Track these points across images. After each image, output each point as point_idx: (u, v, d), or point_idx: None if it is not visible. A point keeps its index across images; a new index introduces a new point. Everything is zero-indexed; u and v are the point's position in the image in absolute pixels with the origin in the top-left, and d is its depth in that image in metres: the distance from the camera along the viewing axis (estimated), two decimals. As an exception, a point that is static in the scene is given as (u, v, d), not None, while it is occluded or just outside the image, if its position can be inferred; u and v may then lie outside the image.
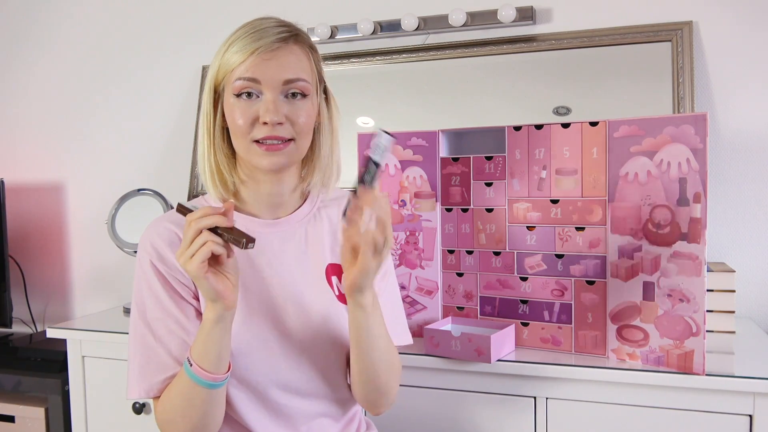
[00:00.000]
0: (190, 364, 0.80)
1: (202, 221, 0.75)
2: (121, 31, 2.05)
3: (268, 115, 0.83)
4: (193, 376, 0.80)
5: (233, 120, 0.86)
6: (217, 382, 0.81)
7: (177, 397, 0.83)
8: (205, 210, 0.76)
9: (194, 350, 0.81)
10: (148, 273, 0.87)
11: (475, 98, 1.66)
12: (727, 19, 1.51)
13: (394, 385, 0.94)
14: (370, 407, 0.95)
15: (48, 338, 1.58)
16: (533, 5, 1.63)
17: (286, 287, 0.91)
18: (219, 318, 0.79)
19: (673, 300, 1.09)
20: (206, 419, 0.83)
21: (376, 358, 0.88)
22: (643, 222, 1.11)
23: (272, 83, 0.84)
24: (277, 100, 0.84)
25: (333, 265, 0.96)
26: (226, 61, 0.86)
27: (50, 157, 2.14)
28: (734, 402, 1.05)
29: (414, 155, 1.34)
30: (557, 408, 1.16)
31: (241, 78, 0.84)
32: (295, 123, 0.86)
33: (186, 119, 1.97)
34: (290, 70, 0.85)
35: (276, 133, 0.84)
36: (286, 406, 0.91)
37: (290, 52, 0.86)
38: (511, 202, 1.25)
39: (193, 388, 0.81)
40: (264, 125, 0.84)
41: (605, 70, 1.56)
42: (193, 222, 0.76)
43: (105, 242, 1.96)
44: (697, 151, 1.05)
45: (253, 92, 0.85)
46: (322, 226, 0.97)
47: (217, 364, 0.80)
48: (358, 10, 1.79)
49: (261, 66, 0.83)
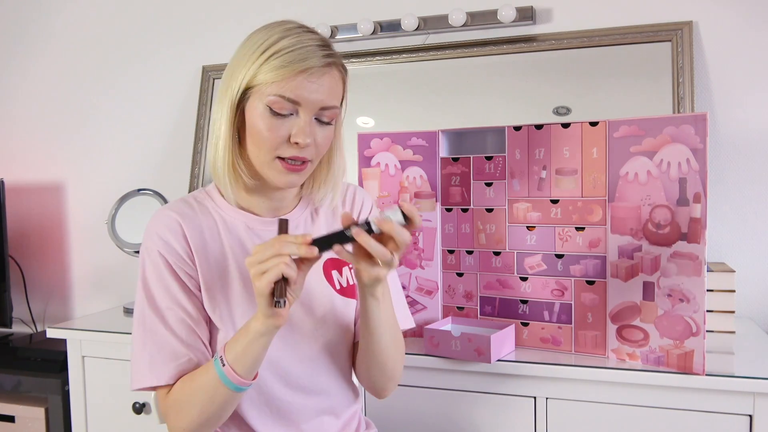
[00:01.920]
0: (223, 364, 0.81)
1: (292, 248, 0.76)
2: (121, 31, 2.05)
3: (301, 136, 0.84)
4: (224, 377, 0.81)
5: (259, 131, 0.84)
6: (244, 386, 0.82)
7: (199, 390, 0.83)
8: (299, 239, 0.76)
9: (230, 352, 0.81)
10: (157, 262, 0.87)
11: (474, 98, 1.66)
12: (727, 19, 1.51)
13: (400, 368, 0.98)
14: (378, 392, 0.98)
15: (48, 338, 1.58)
16: (533, 5, 1.63)
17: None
18: (267, 332, 0.80)
19: (673, 300, 1.09)
20: (220, 416, 0.85)
21: (384, 344, 0.91)
22: (643, 222, 1.11)
23: (311, 107, 0.84)
24: (311, 123, 0.85)
25: (332, 260, 0.97)
26: (265, 72, 0.83)
27: (50, 157, 2.14)
28: (734, 402, 1.05)
29: (414, 155, 1.34)
30: (557, 408, 1.16)
31: (282, 96, 0.82)
32: (319, 146, 0.87)
33: (186, 119, 1.97)
34: (329, 97, 0.86)
35: (302, 154, 0.85)
36: (287, 402, 0.91)
37: (332, 78, 0.86)
38: (511, 202, 1.25)
39: (218, 386, 0.82)
40: (294, 145, 0.85)
41: (605, 70, 1.56)
42: (283, 243, 0.76)
43: (105, 242, 1.96)
44: (697, 151, 1.05)
45: (288, 111, 0.84)
46: (319, 223, 0.99)
47: (251, 371, 0.82)
48: (358, 10, 1.79)
49: (305, 88, 0.83)
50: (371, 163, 1.37)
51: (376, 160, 1.37)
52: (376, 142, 1.37)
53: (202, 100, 1.92)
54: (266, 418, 0.91)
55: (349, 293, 0.98)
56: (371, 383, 0.97)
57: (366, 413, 1.27)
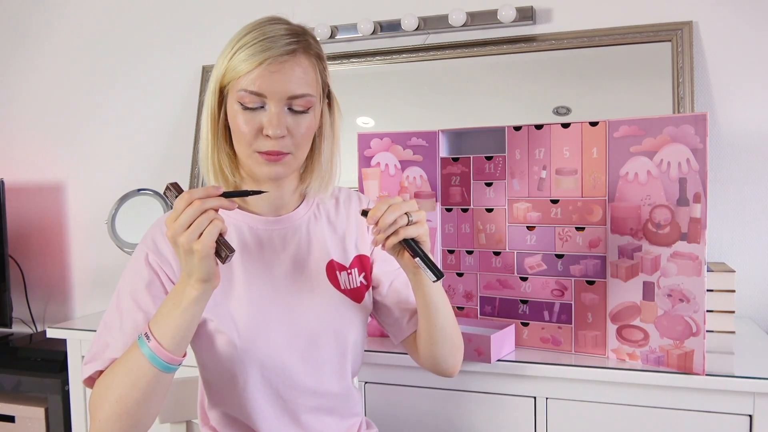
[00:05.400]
0: (148, 338, 0.77)
1: (208, 202, 0.74)
2: (121, 31, 2.05)
3: (271, 128, 0.83)
4: (151, 355, 0.76)
5: (237, 126, 0.86)
6: (174, 365, 0.78)
7: (119, 374, 0.78)
8: (209, 190, 0.75)
9: (158, 326, 0.77)
10: (139, 265, 0.87)
11: (475, 98, 1.66)
12: (727, 19, 1.51)
13: (461, 338, 0.98)
14: (450, 368, 0.98)
15: (48, 338, 1.58)
16: (533, 5, 1.63)
17: (290, 284, 0.92)
18: (202, 297, 0.77)
19: (673, 300, 1.09)
20: (143, 408, 0.79)
21: (447, 315, 0.92)
22: (643, 222, 1.11)
23: (277, 97, 0.84)
24: (281, 114, 0.84)
25: (336, 262, 0.96)
26: (232, 67, 0.85)
27: (50, 157, 2.14)
28: (734, 402, 1.05)
29: (414, 155, 1.34)
30: (557, 408, 1.16)
31: (246, 90, 0.83)
32: (295, 135, 0.86)
33: (186, 119, 1.97)
34: (296, 85, 0.84)
35: (277, 147, 0.85)
36: (289, 401, 0.91)
37: (297, 65, 0.85)
38: (511, 202, 1.25)
39: (143, 367, 0.77)
40: (267, 138, 0.85)
41: (605, 70, 1.56)
42: (196, 201, 0.73)
43: (105, 242, 1.97)
44: (697, 151, 1.05)
45: (257, 105, 0.84)
46: (322, 224, 0.98)
47: (181, 345, 0.78)
48: (358, 10, 1.79)
49: (267, 79, 0.83)
50: (371, 163, 1.37)
51: (376, 160, 1.37)
52: (376, 142, 1.37)
53: (202, 100, 1.92)
54: (271, 420, 0.90)
55: (355, 295, 0.96)
56: (443, 362, 0.96)
57: (366, 413, 1.27)
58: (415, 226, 0.83)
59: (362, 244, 1.00)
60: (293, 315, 0.91)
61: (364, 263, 0.99)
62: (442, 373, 0.99)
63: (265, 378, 0.88)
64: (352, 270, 0.97)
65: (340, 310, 0.94)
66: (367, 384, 1.27)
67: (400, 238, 0.83)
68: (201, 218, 0.73)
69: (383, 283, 0.99)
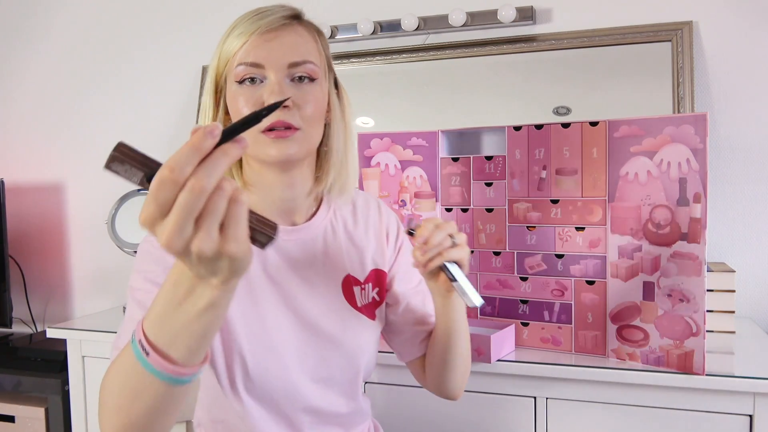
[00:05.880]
0: (146, 352, 0.53)
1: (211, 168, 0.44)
2: (121, 31, 2.05)
3: (272, 98, 0.76)
4: (151, 368, 0.53)
5: (237, 109, 0.79)
6: (184, 377, 0.54)
7: (116, 383, 0.59)
8: (200, 140, 0.44)
9: (161, 335, 0.53)
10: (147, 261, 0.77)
11: (474, 98, 1.66)
12: (727, 19, 1.50)
13: (470, 362, 0.96)
14: (457, 392, 0.95)
15: (48, 338, 1.58)
16: (533, 5, 1.63)
17: (303, 301, 0.84)
18: (226, 296, 0.52)
19: (673, 300, 1.09)
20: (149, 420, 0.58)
21: (466, 339, 0.90)
22: (643, 222, 1.11)
23: (276, 65, 0.77)
24: (282, 83, 0.77)
25: (352, 277, 0.89)
26: (226, 48, 0.79)
27: (50, 157, 2.14)
28: (734, 402, 1.05)
29: (414, 155, 1.34)
30: (557, 408, 1.16)
31: (243, 63, 0.77)
32: (302, 108, 0.78)
33: (186, 119, 1.97)
34: (296, 52, 0.78)
35: (283, 118, 0.76)
36: (294, 419, 0.84)
37: (294, 32, 0.79)
38: (511, 202, 1.25)
39: (144, 378, 0.55)
40: None
41: (605, 70, 1.56)
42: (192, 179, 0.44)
43: (105, 242, 1.96)
44: (697, 151, 1.05)
45: (257, 77, 0.78)
46: (339, 236, 0.90)
47: (196, 353, 0.54)
48: (358, 10, 1.79)
49: (263, 47, 0.77)
50: (371, 163, 1.37)
51: (376, 160, 1.37)
52: (376, 142, 1.37)
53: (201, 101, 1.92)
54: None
55: (370, 312, 0.90)
56: (451, 385, 0.93)
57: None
58: (458, 248, 0.80)
59: (380, 258, 0.93)
60: (305, 335, 0.83)
61: (380, 278, 0.92)
62: (447, 396, 0.95)
63: (269, 397, 0.81)
64: (367, 285, 0.90)
65: (355, 330, 0.87)
66: (367, 384, 1.27)
67: (444, 260, 0.79)
68: (213, 203, 0.44)
69: (401, 303, 0.94)
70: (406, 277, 0.95)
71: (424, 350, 0.95)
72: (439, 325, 0.89)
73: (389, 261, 0.95)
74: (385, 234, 0.95)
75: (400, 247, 0.97)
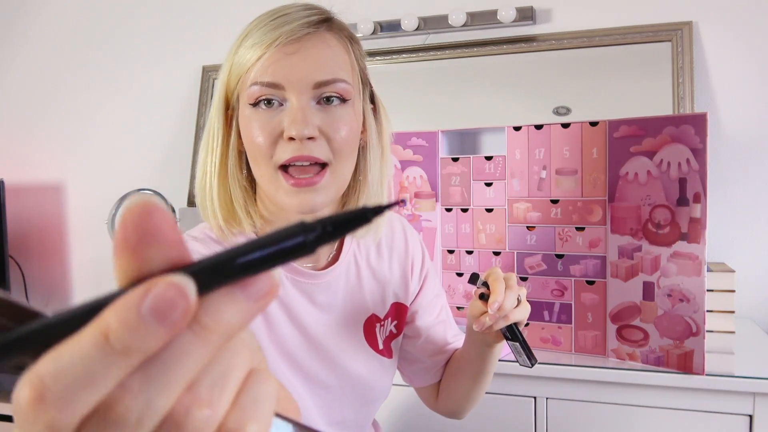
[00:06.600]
0: None
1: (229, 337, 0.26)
2: (121, 31, 2.05)
3: (294, 127, 0.61)
4: None
5: (250, 139, 0.64)
6: None
7: None
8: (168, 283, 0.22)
9: None
10: None
11: (475, 98, 1.66)
12: (727, 19, 1.50)
13: None
14: (464, 414, 0.92)
15: (48, 338, 1.58)
16: (533, 5, 1.63)
17: (322, 344, 0.77)
18: None
19: (673, 300, 1.09)
20: None
21: (491, 377, 0.87)
22: (643, 222, 1.11)
23: (299, 86, 0.63)
24: (306, 108, 0.63)
25: (375, 316, 0.82)
26: (239, 61, 0.65)
27: (50, 157, 2.14)
28: (734, 402, 1.05)
29: (414, 155, 1.34)
30: (557, 408, 1.16)
31: (258, 83, 0.63)
32: (332, 139, 0.64)
33: (186, 119, 1.97)
34: (323, 68, 0.64)
35: (306, 152, 0.62)
36: None
37: (322, 42, 0.66)
38: (511, 202, 1.25)
39: None
40: (290, 142, 0.62)
41: (605, 70, 1.56)
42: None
43: (105, 242, 1.97)
44: (697, 151, 1.05)
45: (275, 99, 0.64)
46: (363, 273, 0.80)
47: None
48: (358, 10, 1.79)
49: (283, 63, 0.63)
50: (371, 163, 1.37)
51: (376, 160, 1.37)
52: (376, 142, 1.37)
53: (202, 100, 1.92)
54: None
55: (387, 349, 0.84)
56: (464, 412, 0.90)
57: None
58: (522, 308, 0.73)
59: (402, 292, 0.85)
60: (321, 382, 0.76)
61: (399, 312, 0.85)
62: (456, 417, 0.92)
63: None
64: (386, 321, 0.83)
65: (374, 375, 0.81)
66: (367, 384, 1.27)
67: (510, 322, 0.72)
68: (260, 390, 0.25)
69: (422, 336, 0.88)
70: (429, 308, 0.88)
71: (440, 377, 0.90)
72: (469, 367, 0.84)
73: (412, 294, 0.87)
74: (410, 265, 0.86)
75: (424, 279, 0.89)
